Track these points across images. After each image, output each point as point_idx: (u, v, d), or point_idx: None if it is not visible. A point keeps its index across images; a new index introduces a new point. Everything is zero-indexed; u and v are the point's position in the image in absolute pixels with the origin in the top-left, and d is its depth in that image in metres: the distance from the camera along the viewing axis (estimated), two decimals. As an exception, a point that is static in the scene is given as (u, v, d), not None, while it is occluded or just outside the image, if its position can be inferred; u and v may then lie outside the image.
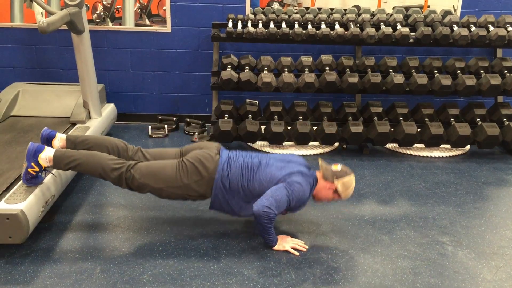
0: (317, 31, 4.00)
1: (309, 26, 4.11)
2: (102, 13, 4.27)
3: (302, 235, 2.67)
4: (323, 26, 4.11)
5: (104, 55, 4.37)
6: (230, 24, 4.10)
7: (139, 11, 4.28)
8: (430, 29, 3.97)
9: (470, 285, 2.28)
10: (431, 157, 3.92)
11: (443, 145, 4.08)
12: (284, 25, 4.11)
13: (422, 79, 3.88)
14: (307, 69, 3.99)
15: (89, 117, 3.71)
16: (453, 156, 3.97)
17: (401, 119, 3.95)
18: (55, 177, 2.65)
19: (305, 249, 2.52)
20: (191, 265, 2.37)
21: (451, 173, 3.60)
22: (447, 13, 4.30)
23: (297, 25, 4.11)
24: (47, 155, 2.43)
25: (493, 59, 4.24)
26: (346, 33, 3.99)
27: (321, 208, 2.99)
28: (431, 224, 2.83)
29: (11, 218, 2.23)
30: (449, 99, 4.52)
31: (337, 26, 4.12)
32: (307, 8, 4.51)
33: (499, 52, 4.33)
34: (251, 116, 3.92)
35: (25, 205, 2.30)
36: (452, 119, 3.97)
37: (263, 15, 4.22)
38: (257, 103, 4.05)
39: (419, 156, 3.94)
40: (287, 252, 2.49)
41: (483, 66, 4.03)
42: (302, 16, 4.27)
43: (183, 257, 2.43)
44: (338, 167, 2.58)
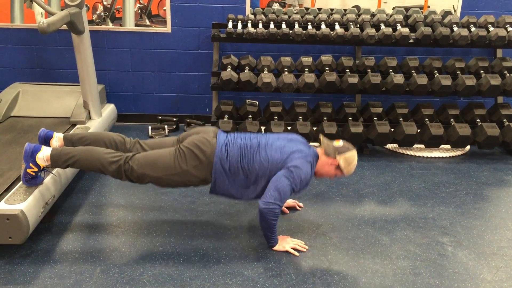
0: (317, 32, 4.00)
1: (309, 26, 4.11)
2: (102, 14, 4.27)
3: (302, 235, 2.67)
4: (323, 26, 4.11)
5: (104, 56, 4.37)
6: (230, 24, 4.10)
7: (139, 11, 4.28)
8: (430, 29, 3.97)
9: (470, 285, 2.28)
10: (431, 157, 3.92)
11: (443, 146, 4.08)
12: (284, 26, 4.11)
13: (422, 80, 3.88)
14: (307, 69, 3.99)
15: (89, 117, 3.71)
16: (453, 156, 3.97)
17: (401, 119, 3.95)
18: (55, 178, 2.65)
19: (305, 250, 2.52)
20: (191, 265, 2.37)
21: (451, 173, 3.60)
22: (447, 13, 4.30)
23: (297, 26, 4.11)
24: (44, 155, 2.43)
25: (493, 60, 4.24)
26: (346, 33, 3.99)
27: (321, 208, 2.99)
28: (431, 224, 2.83)
29: (11, 218, 2.23)
30: (449, 99, 4.52)
31: (337, 26, 4.12)
32: (307, 8, 4.51)
33: (499, 52, 4.33)
34: (251, 116, 3.92)
35: (25, 205, 2.30)
36: (452, 120, 3.97)
37: (263, 16, 4.22)
38: (257, 103, 4.05)
39: (419, 156, 3.94)
40: (287, 252, 2.49)
41: (483, 66, 4.04)
42: (302, 16, 4.27)
43: (183, 258, 2.43)
44: (339, 143, 2.53)
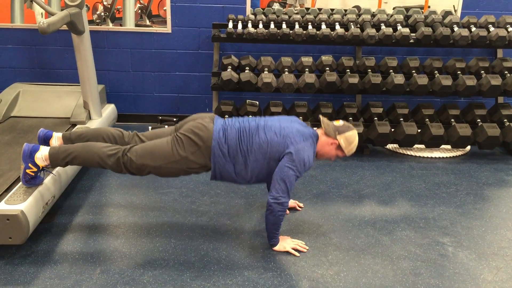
0: (318, 32, 3.99)
1: (310, 26, 4.11)
2: (102, 14, 4.27)
3: (302, 235, 2.67)
4: (324, 26, 4.11)
5: (104, 56, 4.37)
6: (230, 24, 4.09)
7: (140, 11, 4.28)
8: (430, 29, 3.97)
9: (470, 286, 2.28)
10: (432, 157, 3.92)
11: (443, 146, 4.08)
12: (284, 26, 4.11)
13: (422, 80, 3.87)
14: (307, 69, 3.99)
15: (90, 117, 3.71)
16: (453, 156, 3.97)
17: (402, 119, 3.95)
18: (55, 178, 2.64)
19: (305, 250, 2.52)
20: (192, 265, 2.37)
21: (451, 173, 3.59)
22: (448, 13, 4.29)
23: (297, 26, 4.10)
24: (43, 154, 2.42)
25: (493, 60, 4.23)
26: (346, 33, 3.99)
27: (322, 208, 2.98)
28: (431, 224, 2.83)
29: (11, 219, 2.23)
30: (450, 99, 4.52)
31: (338, 26, 4.12)
32: (308, 8, 4.51)
33: (500, 52, 4.33)
34: (251, 116, 3.91)
35: (26, 205, 2.30)
36: (452, 120, 3.97)
37: (263, 16, 4.22)
38: (258, 103, 4.05)
39: (420, 156, 3.94)
40: (288, 252, 2.49)
41: (484, 66, 4.03)
42: (302, 16, 4.27)
43: (184, 258, 2.43)
44: (340, 122, 2.53)
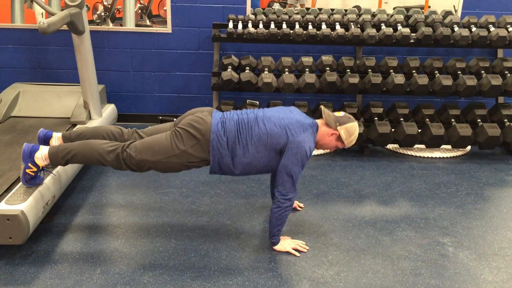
0: (318, 32, 3.99)
1: (310, 26, 4.11)
2: (102, 14, 4.27)
3: (302, 235, 2.66)
4: (324, 26, 4.11)
5: (104, 56, 4.37)
6: (230, 24, 4.09)
7: (140, 11, 4.28)
8: (430, 29, 3.96)
9: (471, 286, 2.27)
10: (432, 157, 3.92)
11: (443, 146, 4.08)
12: (284, 26, 4.11)
13: (422, 80, 3.87)
14: (307, 69, 3.99)
15: (90, 117, 3.71)
16: (454, 156, 3.96)
17: (402, 119, 3.95)
18: (55, 177, 2.64)
19: (306, 250, 2.52)
20: (192, 266, 2.37)
21: (451, 173, 3.59)
22: (448, 13, 4.29)
23: (297, 26, 4.10)
24: (42, 154, 2.42)
25: (494, 60, 4.23)
26: (346, 33, 3.99)
27: (322, 209, 2.98)
28: (432, 225, 2.83)
29: (11, 219, 2.23)
30: (450, 99, 4.52)
31: (338, 26, 4.12)
32: (308, 8, 4.50)
33: (500, 52, 4.33)
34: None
35: (26, 205, 2.30)
36: (452, 120, 3.97)
37: (263, 16, 4.22)
38: (258, 103, 4.05)
39: (420, 156, 3.93)
40: (288, 253, 2.49)
41: (484, 66, 4.03)
42: (302, 16, 4.27)
43: (184, 258, 2.43)
44: (341, 113, 2.52)
